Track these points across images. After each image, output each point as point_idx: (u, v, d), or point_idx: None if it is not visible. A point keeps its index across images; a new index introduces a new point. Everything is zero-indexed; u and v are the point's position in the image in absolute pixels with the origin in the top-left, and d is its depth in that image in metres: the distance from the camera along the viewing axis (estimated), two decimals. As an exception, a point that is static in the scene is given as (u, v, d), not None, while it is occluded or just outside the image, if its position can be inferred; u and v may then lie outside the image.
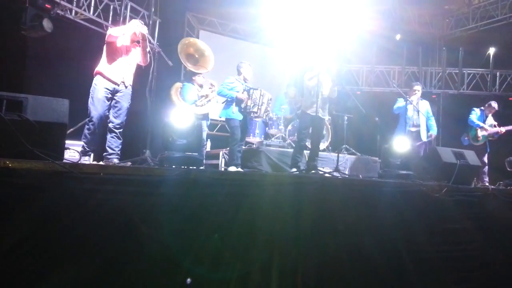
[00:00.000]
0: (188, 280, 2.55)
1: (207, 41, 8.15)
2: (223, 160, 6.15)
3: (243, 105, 5.06)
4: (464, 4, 10.29)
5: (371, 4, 9.29)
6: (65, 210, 2.19)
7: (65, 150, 2.61)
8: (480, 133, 6.42)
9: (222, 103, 5.30)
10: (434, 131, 5.80)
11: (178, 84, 5.42)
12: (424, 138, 5.59)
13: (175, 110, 2.74)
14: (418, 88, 5.98)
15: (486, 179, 6.23)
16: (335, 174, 4.13)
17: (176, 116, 2.78)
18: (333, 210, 3.18)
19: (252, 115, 5.19)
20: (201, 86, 5.51)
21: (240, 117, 5.12)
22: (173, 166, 2.73)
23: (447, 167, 3.97)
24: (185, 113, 2.76)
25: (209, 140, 7.30)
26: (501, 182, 5.13)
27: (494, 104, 6.59)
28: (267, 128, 6.46)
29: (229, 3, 7.94)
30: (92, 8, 5.91)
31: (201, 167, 2.80)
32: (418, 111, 5.65)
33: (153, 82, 3.40)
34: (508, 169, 5.23)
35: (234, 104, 5.08)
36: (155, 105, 3.10)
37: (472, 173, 4.27)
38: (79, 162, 2.42)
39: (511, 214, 4.12)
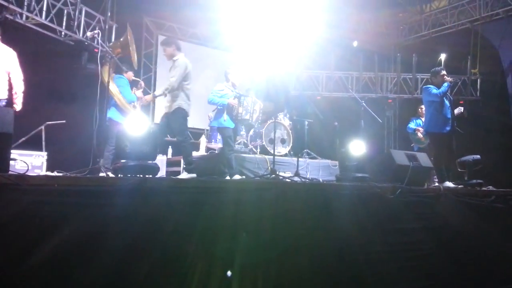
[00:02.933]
0: (229, 272, 2.52)
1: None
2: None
3: (234, 113, 4.99)
4: (416, 12, 10.78)
5: (327, 12, 9.54)
6: (11, 223, 2.09)
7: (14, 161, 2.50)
8: (421, 134, 6.72)
9: (213, 111, 5.23)
10: None
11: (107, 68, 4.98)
12: None
13: (129, 117, 2.68)
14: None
15: (437, 180, 6.50)
16: (295, 178, 4.18)
17: (130, 123, 2.72)
18: (293, 214, 3.22)
19: (243, 122, 5.17)
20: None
21: (232, 125, 5.05)
22: (128, 175, 2.66)
23: (400, 169, 4.12)
24: (140, 120, 2.70)
25: (170, 147, 7.22)
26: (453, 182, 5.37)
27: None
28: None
29: (188, 8, 7.90)
30: (44, 13, 5.69)
31: (157, 175, 2.75)
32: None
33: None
34: (459, 170, 5.49)
35: (225, 112, 4.99)
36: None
37: (425, 175, 4.45)
38: (26, 173, 2.31)
39: (461, 213, 4.34)
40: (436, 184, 5.94)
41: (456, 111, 6.64)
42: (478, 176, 5.57)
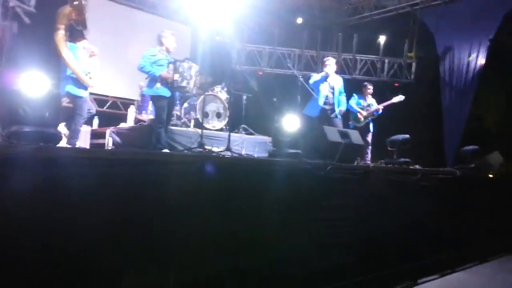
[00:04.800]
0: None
1: (99, 9, 7.45)
2: (110, 139, 5.68)
3: (170, 80, 4.56)
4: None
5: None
6: None
7: None
8: (361, 114, 6.83)
9: (145, 79, 4.79)
10: (343, 107, 5.88)
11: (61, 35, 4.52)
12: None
13: (25, 75, 2.28)
14: (331, 62, 5.98)
15: (369, 157, 6.66)
16: (225, 153, 4.00)
17: (27, 82, 2.34)
18: (217, 190, 3.04)
19: (181, 90, 4.75)
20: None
21: (167, 93, 4.64)
22: (23, 143, 2.30)
23: (332, 146, 4.08)
24: (37, 79, 2.33)
25: (96, 117, 6.72)
26: (382, 160, 5.49)
27: (369, 85, 7.10)
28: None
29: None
30: None
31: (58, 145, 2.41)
32: (333, 88, 5.75)
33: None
34: (389, 148, 5.61)
35: (159, 79, 4.58)
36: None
37: (356, 152, 4.45)
38: None
39: (387, 189, 4.42)
40: (368, 162, 6.08)
41: (397, 99, 6.83)
42: (407, 155, 5.75)
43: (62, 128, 4.86)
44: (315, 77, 5.81)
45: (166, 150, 4.41)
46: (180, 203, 2.72)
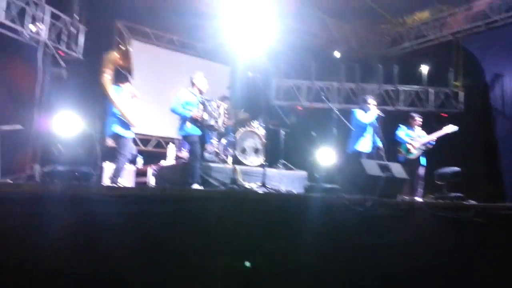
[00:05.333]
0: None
1: (140, 52, 7.84)
2: (152, 177, 5.77)
3: (199, 119, 4.76)
4: (399, 24, 10.71)
5: (305, 21, 9.41)
6: None
7: None
8: (412, 145, 6.49)
9: (178, 119, 4.97)
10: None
11: (112, 88, 4.80)
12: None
13: (58, 116, 2.37)
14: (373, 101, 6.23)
15: (420, 193, 6.28)
16: (259, 189, 3.90)
17: (59, 123, 2.41)
18: (246, 227, 2.93)
19: (210, 128, 4.93)
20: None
21: (197, 132, 4.81)
22: (56, 181, 2.35)
23: (372, 180, 3.87)
24: (71, 119, 2.40)
25: (141, 157, 6.91)
26: (431, 196, 5.13)
27: (417, 116, 6.77)
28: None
29: (163, 12, 7.68)
30: (4, 13, 5.38)
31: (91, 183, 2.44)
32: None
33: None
34: (437, 182, 5.26)
35: (188, 120, 4.78)
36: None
37: (398, 186, 4.19)
38: None
39: (437, 227, 4.08)
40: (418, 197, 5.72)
41: (450, 129, 6.51)
42: (458, 190, 5.35)
43: (106, 166, 5.02)
44: (365, 117, 5.89)
45: (197, 186, 4.41)
46: (202, 241, 2.63)
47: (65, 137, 2.38)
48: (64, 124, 2.39)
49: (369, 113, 5.93)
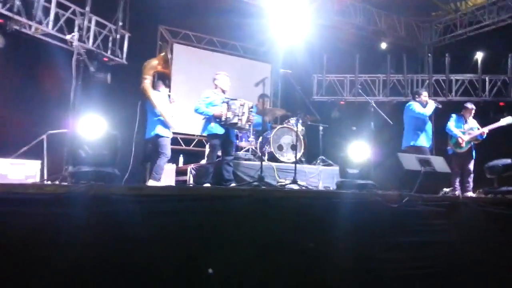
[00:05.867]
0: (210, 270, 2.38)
1: (182, 55, 8.04)
2: (191, 176, 5.89)
3: (223, 118, 4.84)
4: (451, 11, 10.09)
5: (354, 15, 9.14)
6: None
7: None
8: (461, 138, 6.09)
9: (202, 119, 5.09)
10: None
11: (153, 93, 5.02)
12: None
13: (84, 118, 2.48)
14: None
15: (470, 187, 5.87)
16: (292, 186, 3.83)
17: (84, 125, 2.53)
18: (273, 225, 2.88)
19: (233, 126, 4.95)
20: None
21: (220, 130, 4.89)
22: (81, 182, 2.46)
23: (410, 175, 3.65)
24: (95, 121, 2.51)
25: (181, 155, 7.08)
26: (480, 190, 4.77)
27: (470, 105, 6.32)
28: (237, 141, 6.19)
29: (202, 14, 7.82)
30: (51, 23, 5.75)
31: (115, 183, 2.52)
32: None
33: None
34: (488, 176, 4.87)
35: (212, 119, 4.89)
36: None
37: (440, 181, 3.94)
38: None
39: (484, 224, 3.78)
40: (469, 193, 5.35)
41: (506, 121, 6.06)
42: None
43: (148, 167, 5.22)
44: (424, 109, 5.71)
45: (233, 184, 4.48)
46: (223, 239, 2.62)
47: (90, 139, 2.48)
48: (90, 126, 2.50)
49: (428, 106, 5.71)
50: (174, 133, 7.45)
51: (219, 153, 5.03)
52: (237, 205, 2.71)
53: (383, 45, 9.62)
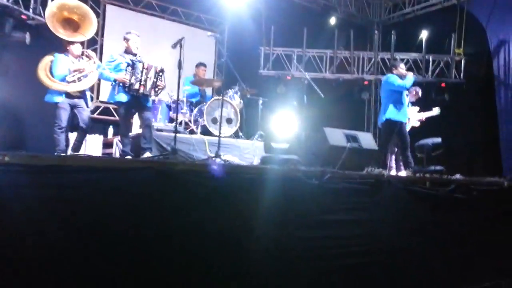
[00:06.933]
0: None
1: (116, 18, 7.40)
2: (117, 148, 5.47)
3: (126, 84, 4.42)
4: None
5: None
6: None
7: None
8: None
9: (111, 85, 4.64)
10: None
11: (48, 58, 4.64)
12: None
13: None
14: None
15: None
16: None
17: None
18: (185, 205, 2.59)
19: (136, 93, 4.48)
20: (78, 58, 4.74)
21: (124, 98, 4.48)
22: None
23: (334, 151, 3.50)
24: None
25: (111, 126, 6.61)
26: (408, 169, 4.74)
27: (414, 89, 6.22)
28: (170, 112, 5.81)
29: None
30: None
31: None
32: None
33: None
34: (418, 155, 4.84)
35: (117, 85, 4.48)
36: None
37: (366, 158, 3.81)
38: None
39: (407, 203, 3.71)
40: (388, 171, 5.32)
41: (434, 112, 6.05)
42: (443, 163, 4.92)
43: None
44: (404, 81, 5.34)
45: (148, 154, 4.17)
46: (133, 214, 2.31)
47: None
48: None
49: (406, 78, 5.37)
50: (103, 102, 6.98)
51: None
52: (132, 179, 2.39)
53: (332, 20, 9.41)
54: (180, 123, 5.64)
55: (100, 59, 6.87)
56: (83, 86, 4.58)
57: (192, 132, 5.48)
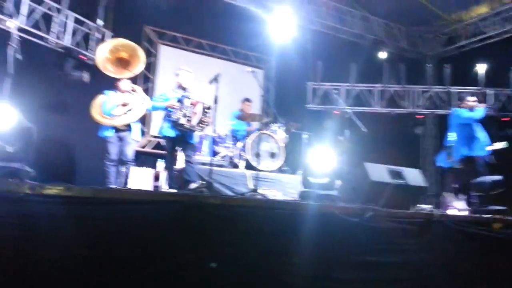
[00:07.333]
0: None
1: (168, 57, 7.80)
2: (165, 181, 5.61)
3: (174, 117, 4.48)
4: (454, 21, 9.72)
5: (351, 22, 8.85)
6: None
7: None
8: None
9: (162, 118, 4.81)
10: None
11: (100, 97, 4.92)
12: None
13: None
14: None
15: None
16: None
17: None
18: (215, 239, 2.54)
19: (182, 128, 4.54)
20: (126, 93, 4.97)
21: (171, 133, 4.56)
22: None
23: (377, 187, 3.30)
24: (4, 112, 2.23)
25: (163, 160, 6.80)
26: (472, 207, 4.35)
27: None
28: (214, 146, 5.89)
29: (192, 16, 7.61)
30: (24, 18, 5.56)
31: (27, 180, 2.23)
32: None
33: None
34: (473, 193, 4.46)
35: (166, 121, 4.60)
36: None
37: (413, 195, 3.55)
38: None
39: (461, 246, 3.38)
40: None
41: (500, 145, 5.70)
42: (503, 203, 4.49)
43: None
44: (473, 113, 5.26)
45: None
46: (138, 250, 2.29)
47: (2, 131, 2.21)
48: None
49: (477, 110, 5.26)
50: (155, 137, 7.27)
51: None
52: (162, 212, 2.39)
53: (382, 55, 9.27)
54: (224, 157, 5.68)
55: (153, 95, 7.24)
56: (129, 120, 4.78)
57: (235, 166, 5.49)
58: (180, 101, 4.53)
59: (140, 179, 6.22)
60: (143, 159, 7.27)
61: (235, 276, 2.51)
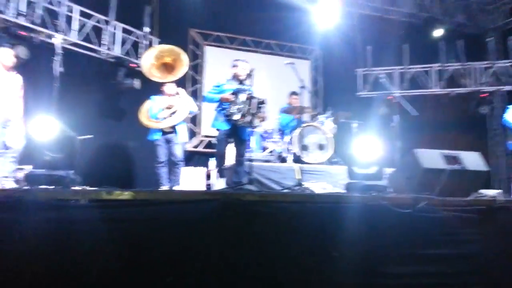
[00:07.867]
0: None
1: (214, 57, 7.89)
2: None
3: (228, 112, 4.33)
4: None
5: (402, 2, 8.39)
6: None
7: None
8: None
9: (215, 109, 4.81)
10: None
11: (147, 102, 5.09)
12: None
13: (34, 120, 2.34)
14: None
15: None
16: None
17: (35, 126, 2.39)
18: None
19: (236, 123, 4.39)
20: (171, 96, 5.10)
21: (224, 126, 4.45)
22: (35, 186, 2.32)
23: (430, 174, 3.07)
24: (46, 122, 2.36)
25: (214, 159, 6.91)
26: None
27: None
28: (262, 142, 5.87)
29: (234, 14, 7.65)
30: (75, 33, 5.89)
31: (72, 188, 2.35)
32: None
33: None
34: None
35: (220, 114, 4.49)
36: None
37: (473, 181, 3.26)
38: None
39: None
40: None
41: None
42: None
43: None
44: None
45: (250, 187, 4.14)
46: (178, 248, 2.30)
47: (45, 141, 2.35)
48: (39, 126, 2.36)
49: None
50: (206, 136, 7.41)
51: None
52: (200, 211, 2.40)
53: (437, 32, 8.66)
54: (272, 151, 5.64)
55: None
56: (173, 122, 4.91)
57: (283, 160, 5.42)
58: (235, 93, 4.39)
59: (193, 178, 6.37)
60: (196, 159, 7.45)
61: (277, 273, 2.46)
